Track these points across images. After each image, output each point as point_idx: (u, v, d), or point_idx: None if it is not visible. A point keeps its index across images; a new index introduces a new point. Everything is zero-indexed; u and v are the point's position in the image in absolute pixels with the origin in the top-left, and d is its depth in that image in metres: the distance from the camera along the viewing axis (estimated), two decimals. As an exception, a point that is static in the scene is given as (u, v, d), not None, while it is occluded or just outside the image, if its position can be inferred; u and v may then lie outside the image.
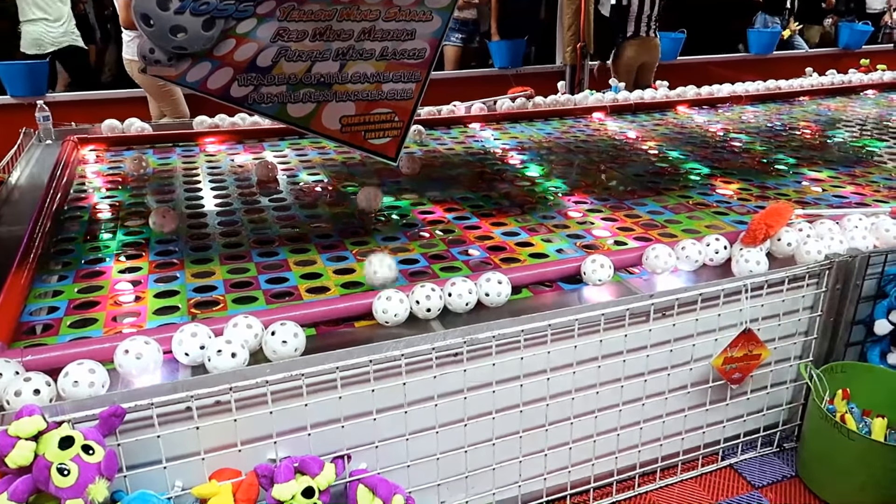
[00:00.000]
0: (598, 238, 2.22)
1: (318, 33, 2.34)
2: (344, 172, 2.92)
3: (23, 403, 1.26)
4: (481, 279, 1.72)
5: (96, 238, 2.18)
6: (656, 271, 1.90)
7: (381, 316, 1.62)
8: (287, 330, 1.46)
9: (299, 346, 1.47)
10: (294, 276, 1.94)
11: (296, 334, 1.47)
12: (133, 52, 4.17)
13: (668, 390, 1.82)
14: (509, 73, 5.42)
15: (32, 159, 2.94)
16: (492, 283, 1.71)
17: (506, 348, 1.59)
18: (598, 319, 1.65)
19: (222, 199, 2.56)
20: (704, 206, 2.51)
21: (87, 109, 4.30)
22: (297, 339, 1.47)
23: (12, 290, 1.70)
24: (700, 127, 3.77)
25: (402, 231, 2.28)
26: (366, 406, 1.50)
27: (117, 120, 3.32)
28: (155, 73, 2.24)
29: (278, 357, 1.45)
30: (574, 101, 4.02)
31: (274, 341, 1.45)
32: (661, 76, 4.78)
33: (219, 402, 1.39)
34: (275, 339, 1.45)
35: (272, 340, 1.45)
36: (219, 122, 3.37)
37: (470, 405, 1.59)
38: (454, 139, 3.48)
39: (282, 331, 1.46)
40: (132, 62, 4.18)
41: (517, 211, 2.46)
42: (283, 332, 1.46)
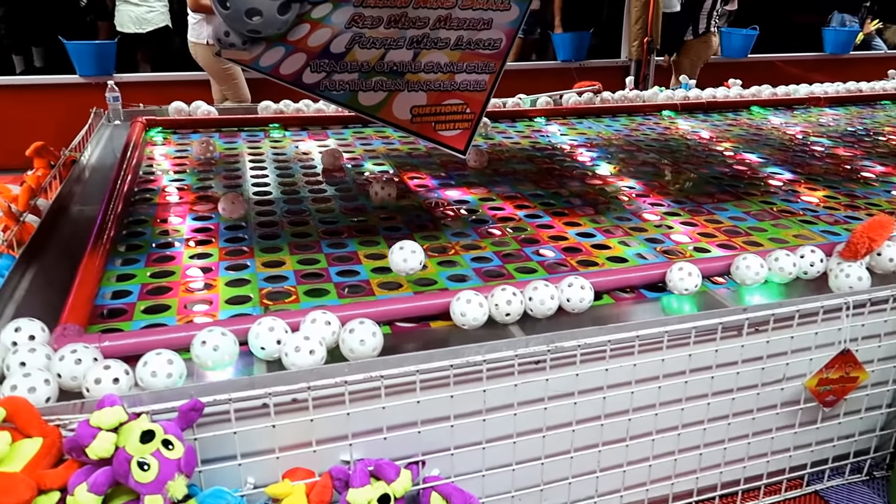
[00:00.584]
0: (679, 244, 2.11)
1: (393, 20, 2.28)
2: (409, 163, 2.86)
3: (102, 392, 1.24)
4: (563, 284, 1.64)
5: (166, 221, 2.17)
6: (745, 282, 1.79)
7: (460, 318, 1.55)
8: (366, 329, 1.41)
9: (377, 346, 1.41)
10: (365, 269, 1.89)
11: (374, 333, 1.41)
12: (197, 34, 4.19)
13: (756, 409, 1.71)
14: (572, 66, 5.28)
15: (102, 139, 2.96)
16: (574, 289, 1.62)
17: (590, 358, 1.51)
18: (688, 332, 1.55)
19: (289, 187, 2.52)
20: (790, 214, 2.37)
21: (152, 91, 4.35)
22: (376, 338, 1.41)
23: (88, 273, 1.69)
24: (777, 129, 3.59)
25: (471, 227, 2.21)
26: (443, 411, 1.43)
27: (183, 102, 3.32)
28: (229, 56, 2.21)
29: (356, 356, 1.40)
30: (643, 97, 3.88)
31: (352, 339, 1.40)
32: (731, 74, 4.58)
33: (295, 399, 1.34)
34: (353, 338, 1.40)
35: (350, 339, 1.40)
36: (283, 108, 3.35)
37: (550, 415, 1.52)
38: (520, 133, 3.39)
39: (360, 329, 1.41)
40: (196, 45, 4.20)
41: (590, 211, 2.36)
42: (361, 331, 1.40)
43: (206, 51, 4.14)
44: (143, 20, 4.94)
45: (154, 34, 5.04)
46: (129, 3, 4.94)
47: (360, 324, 1.42)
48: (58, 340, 1.38)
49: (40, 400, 1.22)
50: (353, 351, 1.40)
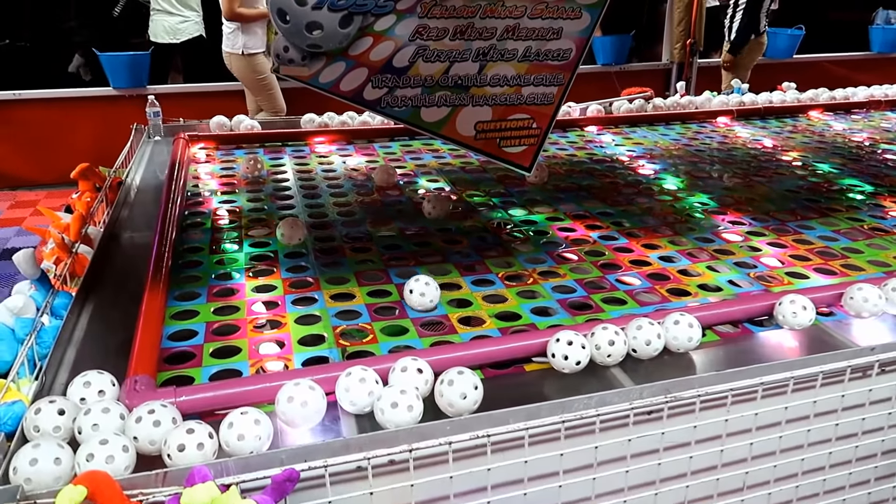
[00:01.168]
0: (772, 268, 1.96)
1: (459, 31, 2.16)
2: (464, 179, 2.73)
3: (186, 459, 1.12)
4: (668, 321, 1.49)
5: (222, 249, 2.05)
6: (861, 315, 1.64)
7: (560, 362, 1.41)
8: (466, 380, 1.27)
9: (478, 399, 1.28)
10: (441, 302, 1.75)
11: (476, 386, 1.28)
12: (232, 44, 4.09)
13: (880, 453, 1.56)
14: (612, 70, 5.13)
15: (144, 157, 2.86)
16: (681, 327, 1.48)
17: (709, 406, 1.37)
18: (815, 376, 1.40)
19: (344, 207, 2.40)
20: (883, 232, 2.21)
21: (187, 102, 4.25)
22: (477, 391, 1.28)
23: (151, 313, 1.57)
24: (841, 135, 3.42)
25: (545, 251, 2.07)
26: (551, 468, 1.30)
27: (224, 116, 3.21)
28: (287, 73, 2.09)
29: (455, 411, 1.27)
30: (696, 103, 3.72)
31: (452, 393, 1.26)
32: (777, 75, 4.41)
33: (393, 461, 1.21)
34: (452, 391, 1.26)
35: (449, 392, 1.27)
36: (328, 121, 3.23)
37: (663, 468, 1.37)
38: (573, 144, 3.25)
39: (460, 381, 1.27)
40: (231, 55, 4.10)
41: (668, 231, 2.22)
42: (461, 384, 1.27)
43: (240, 61, 4.05)
44: (177, 30, 4.86)
45: (188, 44, 4.95)
46: (163, 13, 4.86)
47: (460, 374, 1.28)
48: (130, 396, 1.26)
49: (119, 470, 1.09)
50: (452, 406, 1.26)
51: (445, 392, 1.27)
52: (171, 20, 4.84)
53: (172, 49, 4.90)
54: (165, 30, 4.84)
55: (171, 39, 4.85)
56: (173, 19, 4.83)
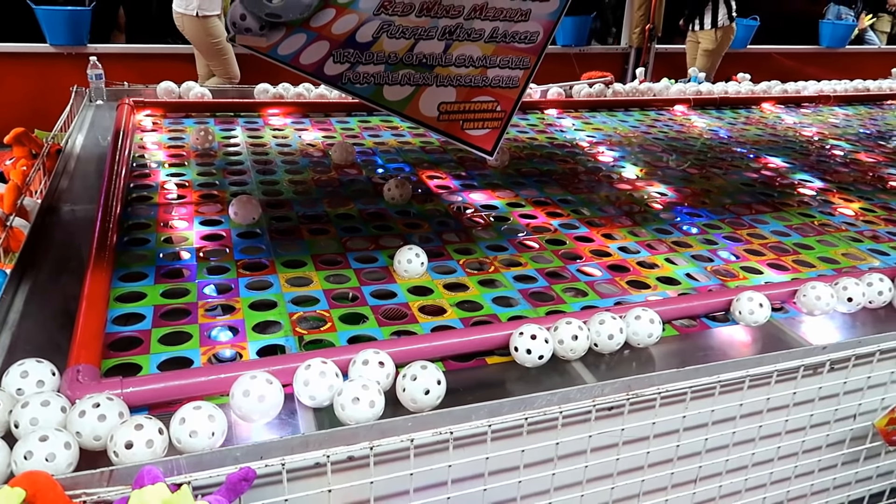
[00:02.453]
0: (728, 262, 1.99)
1: (425, 7, 2.09)
2: (425, 160, 2.68)
3: (134, 457, 1.05)
4: (629, 316, 1.49)
5: (170, 226, 1.95)
6: (814, 312, 1.68)
7: (523, 356, 1.40)
8: (429, 376, 1.24)
9: (441, 395, 1.25)
10: (401, 289, 1.71)
11: (439, 381, 1.25)
12: (185, 4, 3.89)
13: (825, 446, 1.61)
14: (572, 51, 5.11)
15: (85, 123, 2.70)
16: (642, 322, 1.48)
17: (668, 402, 1.38)
18: (770, 374, 1.43)
19: (300, 185, 2.32)
20: (832, 229, 2.27)
21: (131, 64, 4.03)
22: (440, 386, 1.25)
23: (94, 296, 1.48)
24: (793, 129, 3.50)
25: (506, 238, 2.05)
26: (510, 463, 1.29)
27: (172, 82, 3.05)
28: (244, 42, 1.99)
29: (418, 407, 1.24)
30: (654, 90, 3.74)
31: (415, 388, 1.23)
32: (731, 65, 4.49)
33: (352, 457, 1.18)
34: (416, 386, 1.23)
35: (412, 387, 1.23)
36: (283, 93, 3.11)
37: (621, 462, 1.38)
38: (534, 127, 3.22)
39: (424, 376, 1.24)
40: (184, 16, 3.90)
41: (627, 221, 2.22)
42: (425, 379, 1.24)
43: (194, 23, 3.86)
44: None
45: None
46: None
47: (423, 369, 1.25)
48: (72, 388, 1.18)
49: (61, 468, 1.03)
50: (415, 402, 1.23)
51: (408, 387, 1.24)
52: None
53: (115, 4, 4.63)
54: None
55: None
56: None
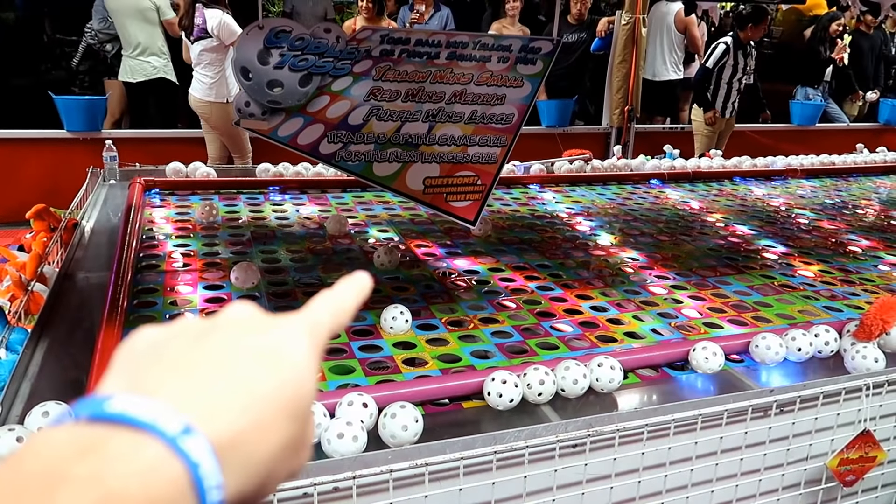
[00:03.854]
0: (691, 319, 2.15)
1: (410, 94, 2.34)
2: (413, 230, 2.88)
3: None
4: (593, 364, 1.65)
5: (177, 291, 2.12)
6: (765, 361, 1.82)
7: (495, 399, 1.54)
8: (408, 414, 1.39)
9: (418, 432, 1.39)
10: (387, 344, 1.87)
11: (416, 419, 1.39)
12: (216, 93, 4.24)
13: (781, 488, 1.72)
14: (556, 132, 5.43)
15: (99, 200, 2.92)
16: (604, 369, 1.63)
17: (627, 441, 1.51)
18: (720, 414, 1.57)
19: (297, 254, 2.51)
20: (791, 289, 2.44)
21: (142, 148, 4.31)
22: (418, 424, 1.39)
23: (107, 348, 1.63)
24: (761, 200, 3.73)
25: (486, 299, 2.22)
26: (483, 497, 1.41)
27: (180, 163, 3.30)
28: (248, 126, 2.23)
29: (397, 442, 1.37)
30: (631, 166, 4.00)
31: (394, 425, 1.37)
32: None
33: (337, 488, 1.31)
34: (395, 423, 1.38)
35: (392, 424, 1.38)
36: (282, 171, 3.35)
37: (587, 500, 1.50)
38: (516, 200, 3.45)
39: (403, 414, 1.38)
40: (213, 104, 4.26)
41: (599, 283, 2.40)
42: (404, 417, 1.38)
43: (223, 109, 4.18)
44: (134, 72, 4.96)
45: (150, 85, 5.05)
46: (129, 58, 4.97)
47: (402, 408, 1.40)
48: (88, 426, 1.32)
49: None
50: (394, 437, 1.37)
51: (388, 424, 1.38)
52: (132, 62, 4.93)
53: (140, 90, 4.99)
54: (127, 70, 4.94)
55: (129, 79, 4.93)
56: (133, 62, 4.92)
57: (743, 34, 5.22)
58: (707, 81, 5.25)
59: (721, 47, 5.21)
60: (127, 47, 4.93)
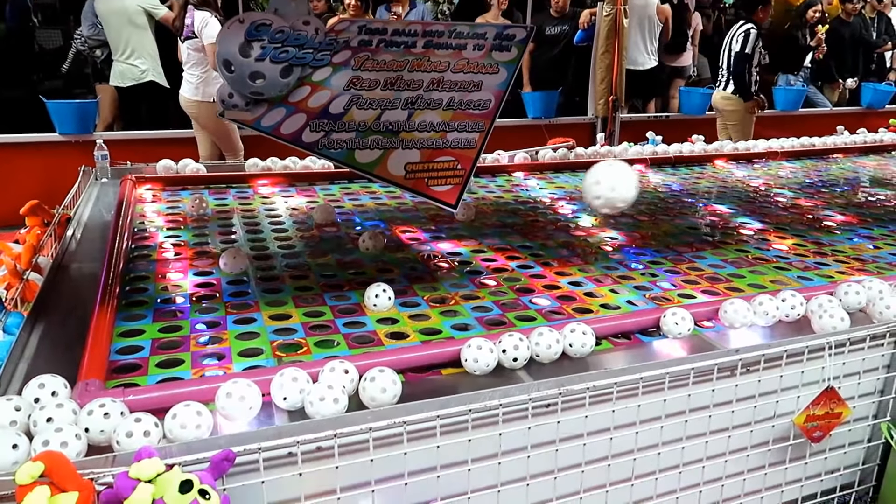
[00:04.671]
0: (666, 290, 2.23)
1: (389, 83, 2.40)
2: (399, 217, 2.95)
3: (133, 445, 1.26)
4: (565, 329, 1.72)
5: (167, 278, 2.19)
6: (734, 325, 1.90)
7: (471, 365, 1.61)
8: (386, 377, 1.46)
9: (397, 394, 1.46)
10: (371, 320, 1.94)
11: (394, 381, 1.46)
12: (202, 93, 4.31)
13: (750, 446, 1.80)
14: (542, 123, 5.50)
15: (92, 197, 2.98)
16: (577, 335, 1.71)
17: (598, 400, 1.58)
18: (687, 373, 1.64)
19: (285, 242, 2.58)
20: (764, 261, 2.52)
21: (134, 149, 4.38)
22: (396, 386, 1.46)
23: (100, 329, 1.70)
24: (741, 181, 3.80)
25: (468, 278, 2.29)
26: (460, 455, 1.48)
27: (170, 160, 3.37)
28: (231, 116, 2.30)
29: (377, 404, 1.45)
30: (614, 152, 4.08)
31: (373, 388, 1.45)
32: (694, 131, 4.85)
33: (320, 447, 1.38)
34: (374, 386, 1.45)
35: (371, 387, 1.45)
36: (271, 165, 3.42)
37: (560, 456, 1.57)
38: (501, 187, 3.52)
39: (381, 378, 1.46)
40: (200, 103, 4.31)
41: (578, 261, 2.47)
42: (382, 380, 1.45)
43: (210, 108, 4.25)
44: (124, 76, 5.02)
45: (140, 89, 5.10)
46: (119, 62, 5.03)
47: (381, 372, 1.47)
48: (82, 396, 1.40)
49: (72, 454, 1.23)
50: (374, 399, 1.44)
51: (368, 387, 1.45)
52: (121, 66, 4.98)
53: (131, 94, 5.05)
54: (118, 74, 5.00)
55: (120, 83, 4.99)
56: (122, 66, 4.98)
57: (756, 17, 5.24)
58: (749, 70, 5.26)
59: (753, 32, 5.17)
60: (116, 51, 5.00)
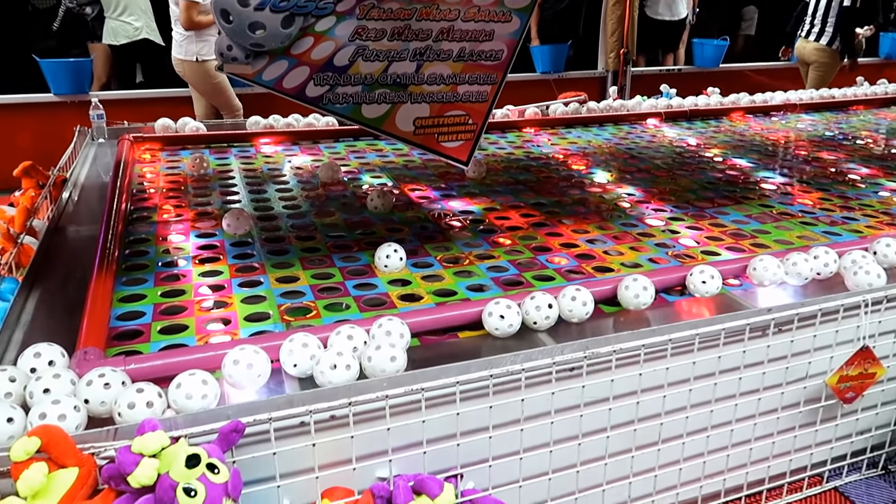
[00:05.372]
0: (689, 248, 2.13)
1: (396, 32, 2.27)
2: (407, 175, 2.84)
3: (135, 417, 1.19)
4: (625, 281, 1.63)
5: (168, 240, 2.10)
6: (763, 283, 1.81)
7: (494, 325, 1.53)
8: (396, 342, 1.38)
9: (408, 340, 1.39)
10: (382, 282, 1.85)
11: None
12: (185, 51, 4.12)
13: (780, 408, 1.72)
14: (551, 77, 5.33)
15: (88, 158, 2.88)
16: (631, 289, 1.62)
17: (624, 363, 1.50)
18: (717, 334, 1.56)
19: (290, 202, 2.48)
20: (789, 216, 2.42)
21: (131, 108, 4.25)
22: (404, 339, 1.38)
23: (99, 294, 1.62)
24: (759, 135, 3.67)
25: (482, 237, 2.19)
26: (481, 422, 1.41)
27: (168, 119, 3.24)
28: (231, 70, 2.17)
29: (391, 371, 1.36)
30: (627, 106, 3.93)
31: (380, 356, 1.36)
32: (706, 83, 4.69)
33: (333, 416, 1.30)
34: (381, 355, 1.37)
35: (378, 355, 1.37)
36: (273, 123, 3.30)
37: (585, 422, 1.50)
38: (511, 143, 3.40)
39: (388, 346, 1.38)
40: (184, 62, 4.12)
41: (596, 218, 2.37)
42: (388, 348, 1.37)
43: (194, 67, 4.08)
44: (117, 34, 4.85)
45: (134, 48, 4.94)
46: (111, 19, 4.86)
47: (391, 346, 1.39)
48: (80, 365, 1.32)
49: (71, 428, 1.16)
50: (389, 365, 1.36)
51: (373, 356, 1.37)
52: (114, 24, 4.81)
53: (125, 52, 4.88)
54: (110, 32, 4.83)
55: (113, 41, 4.82)
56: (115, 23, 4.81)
57: None
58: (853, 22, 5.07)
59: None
60: (108, 8, 4.82)
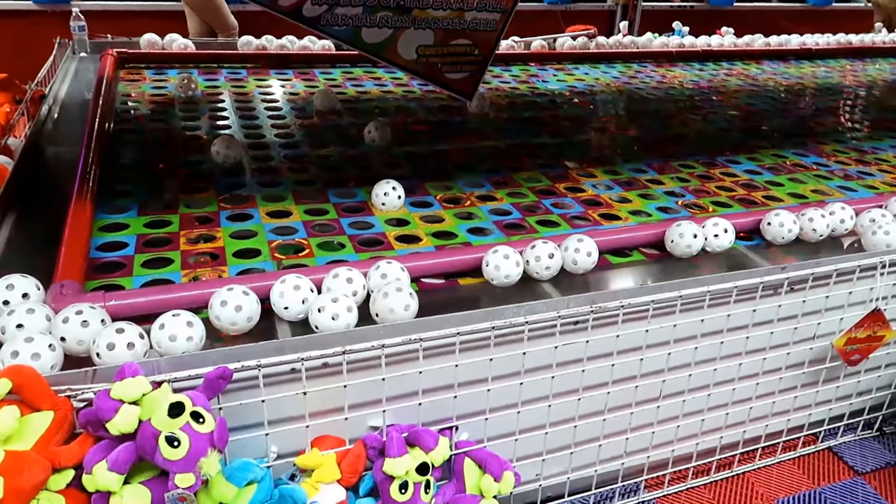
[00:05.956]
0: (700, 197, 2.04)
1: (401, -52, 2.10)
2: (406, 107, 2.70)
3: (115, 358, 1.11)
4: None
5: (154, 166, 1.99)
6: (777, 240, 1.73)
7: (494, 274, 1.45)
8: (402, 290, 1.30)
9: (416, 309, 1.31)
10: (379, 221, 1.76)
11: (411, 294, 1.31)
12: None
13: (784, 367, 1.68)
14: (558, 9, 5.09)
15: (69, 73, 2.71)
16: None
17: (631, 318, 1.44)
18: (729, 292, 1.49)
19: (283, 130, 2.35)
20: (803, 168, 2.32)
21: (117, 21, 4.02)
22: (413, 299, 1.31)
23: (78, 223, 1.52)
24: (773, 80, 3.53)
25: (484, 177, 2.09)
26: (480, 374, 1.35)
27: (155, 34, 3.05)
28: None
29: (392, 319, 1.29)
30: (637, 44, 3.76)
31: (389, 303, 1.29)
32: (719, 22, 4.50)
33: (326, 364, 1.24)
34: (388, 302, 1.29)
35: (384, 302, 1.29)
36: (266, 44, 3.12)
37: (587, 376, 1.45)
38: (516, 77, 3.24)
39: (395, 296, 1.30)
40: None
41: (604, 163, 2.27)
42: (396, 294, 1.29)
43: None
44: None
45: None
46: None
47: (398, 291, 1.31)
48: (56, 300, 1.23)
49: (45, 368, 1.09)
50: (393, 311, 1.29)
51: (378, 300, 1.30)
52: None
53: None
54: None
55: None
56: None
57: None
58: None
59: None
60: None
